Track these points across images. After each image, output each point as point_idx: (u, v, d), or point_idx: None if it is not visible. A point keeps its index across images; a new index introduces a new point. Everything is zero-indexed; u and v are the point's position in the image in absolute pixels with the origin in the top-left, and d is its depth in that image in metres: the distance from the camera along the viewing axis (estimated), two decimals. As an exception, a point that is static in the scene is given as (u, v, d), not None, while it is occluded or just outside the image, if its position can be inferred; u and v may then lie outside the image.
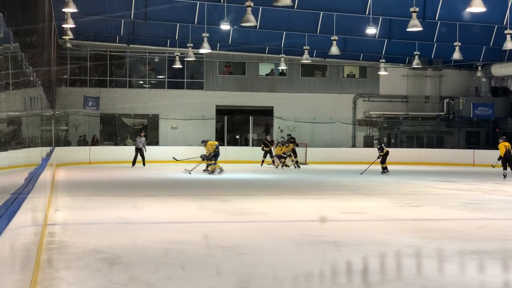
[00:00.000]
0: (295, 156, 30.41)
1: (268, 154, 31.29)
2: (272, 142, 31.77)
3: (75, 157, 31.33)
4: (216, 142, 25.92)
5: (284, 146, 29.83)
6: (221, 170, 24.66)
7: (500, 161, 23.65)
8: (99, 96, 35.57)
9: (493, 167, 25.28)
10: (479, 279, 6.98)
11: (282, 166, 29.58)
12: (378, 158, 26.58)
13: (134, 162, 29.43)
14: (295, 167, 29.77)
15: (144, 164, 29.21)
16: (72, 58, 36.79)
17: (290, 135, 32.70)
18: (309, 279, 6.90)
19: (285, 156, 29.82)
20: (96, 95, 35.49)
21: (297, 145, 30.97)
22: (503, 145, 23.39)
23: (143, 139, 30.21)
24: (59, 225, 10.84)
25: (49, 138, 17.03)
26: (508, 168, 23.35)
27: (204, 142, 25.39)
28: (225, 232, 10.21)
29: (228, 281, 6.79)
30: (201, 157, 25.45)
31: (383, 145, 27.71)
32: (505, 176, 23.23)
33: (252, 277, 6.95)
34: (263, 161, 31.35)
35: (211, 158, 24.85)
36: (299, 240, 9.41)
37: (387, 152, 26.72)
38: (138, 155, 29.59)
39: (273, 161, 30.64)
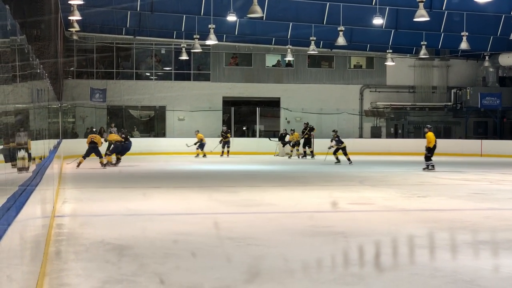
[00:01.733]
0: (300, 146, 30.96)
1: (226, 145, 31.47)
2: (227, 132, 31.89)
3: (82, 149, 31.28)
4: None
5: (289, 135, 30.58)
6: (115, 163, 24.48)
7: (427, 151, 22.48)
8: (106, 88, 35.63)
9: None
10: (488, 269, 6.97)
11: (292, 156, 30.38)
12: (330, 148, 26.48)
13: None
14: (288, 157, 30.84)
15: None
16: (78, 50, 36.82)
17: (307, 123, 32.46)
18: (318, 269, 6.90)
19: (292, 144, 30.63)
20: (103, 87, 35.55)
21: (306, 135, 31.15)
22: (432, 135, 22.42)
23: (115, 129, 30.69)
24: (67, 217, 10.88)
25: (56, 130, 17.06)
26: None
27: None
28: (233, 223, 10.21)
29: (236, 272, 6.79)
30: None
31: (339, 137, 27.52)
32: (431, 166, 22.43)
33: (261, 268, 6.95)
34: (223, 152, 31.39)
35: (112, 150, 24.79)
36: (307, 231, 9.41)
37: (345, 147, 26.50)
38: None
39: (228, 152, 31.30)
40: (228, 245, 8.26)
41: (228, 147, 31.61)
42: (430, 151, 22.49)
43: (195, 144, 31.04)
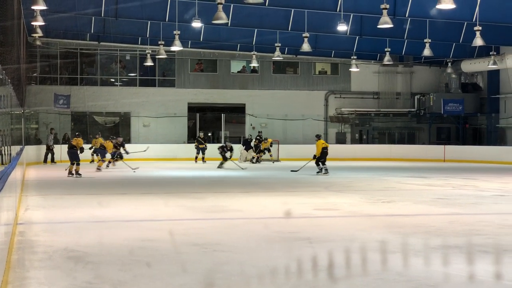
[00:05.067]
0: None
1: (201, 151, 31.51)
2: (205, 140, 32.11)
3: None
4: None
5: (263, 142, 31.11)
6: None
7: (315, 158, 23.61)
8: (70, 94, 35.30)
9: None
10: (452, 273, 7.03)
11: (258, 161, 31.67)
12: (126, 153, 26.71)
13: (45, 160, 30.83)
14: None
15: (54, 161, 30.82)
16: (42, 56, 36.45)
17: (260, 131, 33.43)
18: (283, 275, 6.89)
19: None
20: (66, 93, 35.22)
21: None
22: (321, 143, 23.56)
23: (52, 136, 31.31)
24: (30, 225, 10.73)
25: (19, 136, 16.87)
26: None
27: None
28: (199, 230, 10.18)
29: (201, 278, 6.75)
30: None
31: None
32: (321, 170, 23.35)
33: (226, 274, 6.93)
34: (196, 158, 31.56)
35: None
36: (273, 237, 9.42)
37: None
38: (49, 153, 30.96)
39: (202, 158, 31.41)
40: (194, 252, 8.23)
41: (203, 153, 31.59)
42: (321, 157, 23.43)
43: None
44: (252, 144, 32.47)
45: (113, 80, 38.17)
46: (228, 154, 27.56)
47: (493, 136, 37.37)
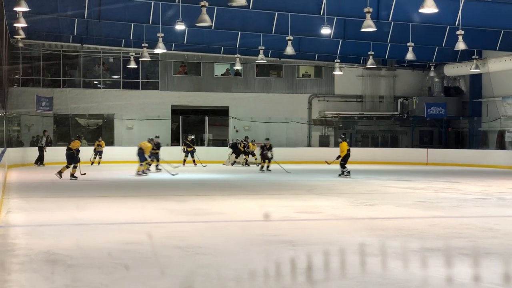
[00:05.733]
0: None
1: (190, 154, 31.42)
2: (193, 142, 32.03)
3: (27, 158, 30.88)
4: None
5: (251, 143, 31.86)
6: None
7: (339, 159, 23.92)
8: (53, 96, 35.11)
9: (328, 163, 25.57)
10: (434, 276, 7.06)
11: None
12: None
13: (37, 161, 30.36)
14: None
15: (43, 163, 30.14)
16: (24, 57, 36.24)
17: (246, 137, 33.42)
18: (265, 278, 6.89)
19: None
20: (49, 95, 35.04)
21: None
22: (346, 145, 23.94)
23: (45, 137, 31.18)
24: (12, 227, 10.66)
25: (1, 138, 16.76)
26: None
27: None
28: (181, 233, 10.16)
29: (184, 280, 6.74)
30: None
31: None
32: (344, 173, 23.75)
33: (208, 277, 6.92)
34: (185, 160, 31.43)
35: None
36: (255, 239, 9.41)
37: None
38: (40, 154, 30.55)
39: (193, 161, 31.13)
40: (175, 254, 8.21)
41: (192, 156, 31.35)
42: (344, 159, 23.82)
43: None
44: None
45: (96, 82, 38.04)
46: (269, 154, 27.15)
47: (475, 139, 37.60)
